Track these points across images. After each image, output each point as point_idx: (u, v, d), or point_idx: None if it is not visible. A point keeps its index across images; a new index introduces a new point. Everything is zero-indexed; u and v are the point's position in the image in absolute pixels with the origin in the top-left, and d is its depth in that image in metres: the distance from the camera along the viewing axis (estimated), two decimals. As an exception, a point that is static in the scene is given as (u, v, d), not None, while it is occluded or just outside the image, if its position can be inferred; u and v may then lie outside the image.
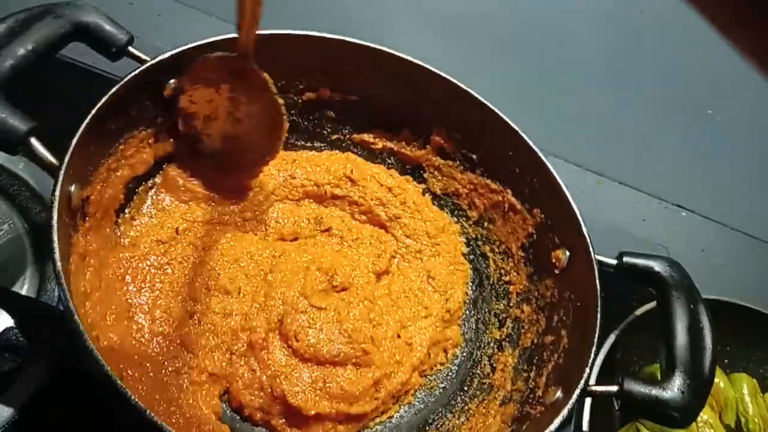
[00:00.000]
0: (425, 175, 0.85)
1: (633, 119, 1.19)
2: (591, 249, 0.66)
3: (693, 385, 0.57)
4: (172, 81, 0.67)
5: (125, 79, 0.60)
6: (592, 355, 0.58)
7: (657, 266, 0.66)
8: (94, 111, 0.56)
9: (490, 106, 0.75)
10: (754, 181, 1.20)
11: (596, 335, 0.59)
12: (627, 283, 0.67)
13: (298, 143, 0.83)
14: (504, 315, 0.76)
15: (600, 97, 1.18)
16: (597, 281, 0.63)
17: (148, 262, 0.66)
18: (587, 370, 0.57)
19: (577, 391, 0.55)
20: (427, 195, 0.85)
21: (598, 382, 0.67)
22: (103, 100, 0.58)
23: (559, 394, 0.58)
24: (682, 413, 0.56)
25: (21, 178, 0.76)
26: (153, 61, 0.63)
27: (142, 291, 0.65)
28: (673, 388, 0.56)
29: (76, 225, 0.57)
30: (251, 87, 0.66)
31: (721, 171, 1.19)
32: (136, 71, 0.61)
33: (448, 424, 0.68)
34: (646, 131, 1.19)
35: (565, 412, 0.54)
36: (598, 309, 0.61)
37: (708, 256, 1.16)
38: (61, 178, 0.52)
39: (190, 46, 0.65)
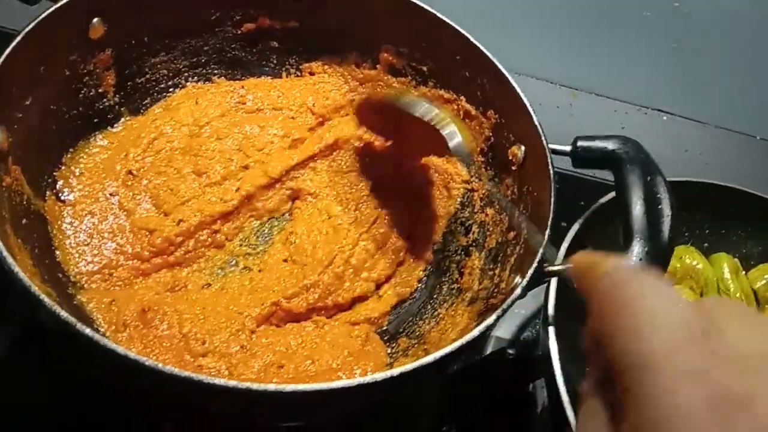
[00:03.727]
0: (381, 97, 0.83)
1: (599, 26, 1.15)
2: (543, 137, 0.65)
3: (651, 252, 0.55)
4: (95, 20, 0.65)
5: (41, 17, 0.59)
6: (546, 237, 0.57)
7: (611, 144, 0.64)
8: (9, 49, 0.55)
9: (430, 9, 0.73)
10: (733, 73, 1.16)
11: (550, 216, 0.58)
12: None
13: (244, 79, 0.82)
14: (470, 222, 0.75)
15: (562, 6, 1.15)
16: (550, 166, 0.62)
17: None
18: (541, 249, 0.55)
19: (531, 270, 0.54)
20: (385, 117, 0.83)
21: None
22: (18, 38, 0.56)
23: (518, 279, 0.57)
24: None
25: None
26: (67, -1, 0.61)
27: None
28: (631, 257, 0.55)
29: (7, 169, 0.56)
30: None
31: (697, 67, 1.16)
32: (52, 8, 0.60)
33: (419, 331, 0.67)
34: (615, 36, 1.16)
35: (518, 290, 0.53)
36: (552, 191, 0.60)
37: (692, 155, 1.14)
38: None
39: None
